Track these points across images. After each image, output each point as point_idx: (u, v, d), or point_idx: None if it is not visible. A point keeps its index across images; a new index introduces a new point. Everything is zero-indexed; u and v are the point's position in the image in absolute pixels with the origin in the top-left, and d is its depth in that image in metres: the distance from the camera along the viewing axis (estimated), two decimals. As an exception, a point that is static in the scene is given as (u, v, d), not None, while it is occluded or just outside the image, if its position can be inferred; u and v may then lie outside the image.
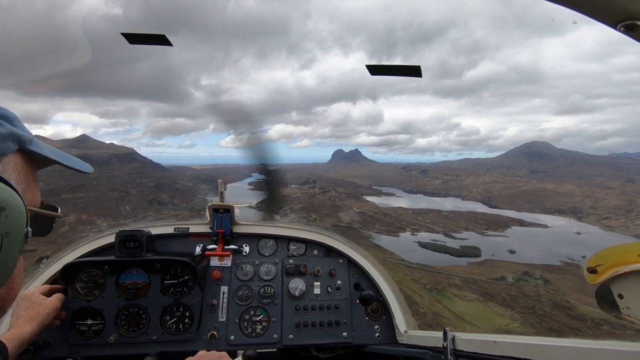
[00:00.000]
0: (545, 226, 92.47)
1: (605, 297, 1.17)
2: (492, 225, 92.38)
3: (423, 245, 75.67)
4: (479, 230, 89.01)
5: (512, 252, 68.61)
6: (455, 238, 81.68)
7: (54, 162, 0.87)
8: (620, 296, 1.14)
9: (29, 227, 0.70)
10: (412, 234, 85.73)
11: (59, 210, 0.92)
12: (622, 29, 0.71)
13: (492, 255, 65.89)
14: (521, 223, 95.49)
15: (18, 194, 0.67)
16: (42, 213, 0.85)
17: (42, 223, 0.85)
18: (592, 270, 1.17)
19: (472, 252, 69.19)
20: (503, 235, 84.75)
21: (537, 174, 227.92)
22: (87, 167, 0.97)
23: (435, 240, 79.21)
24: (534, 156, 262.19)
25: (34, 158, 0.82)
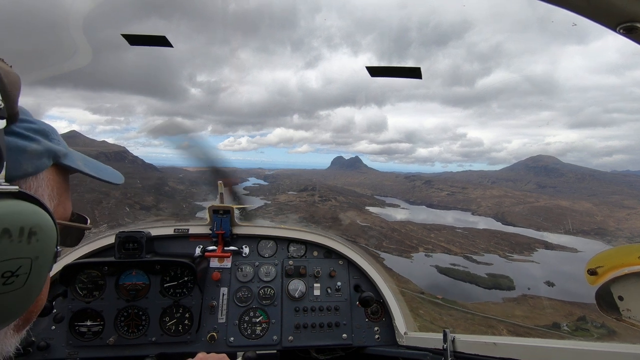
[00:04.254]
0: (575, 250, 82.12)
1: (605, 299, 1.17)
2: (516, 247, 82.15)
3: (443, 271, 65.02)
4: (502, 252, 78.77)
5: (550, 284, 58.06)
6: (477, 262, 71.23)
7: (85, 174, 0.87)
8: (621, 298, 1.14)
9: (58, 247, 0.72)
10: (426, 255, 75.43)
11: (89, 221, 0.93)
12: (621, 30, 0.71)
13: (529, 289, 55.38)
14: (547, 245, 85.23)
15: (50, 214, 0.68)
16: (73, 226, 0.87)
17: (72, 234, 0.87)
18: (593, 272, 1.17)
19: (503, 283, 58.69)
20: (532, 261, 74.41)
21: (546, 189, 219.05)
22: (118, 178, 0.97)
23: (455, 265, 68.77)
24: (541, 170, 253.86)
25: (67, 169, 0.83)
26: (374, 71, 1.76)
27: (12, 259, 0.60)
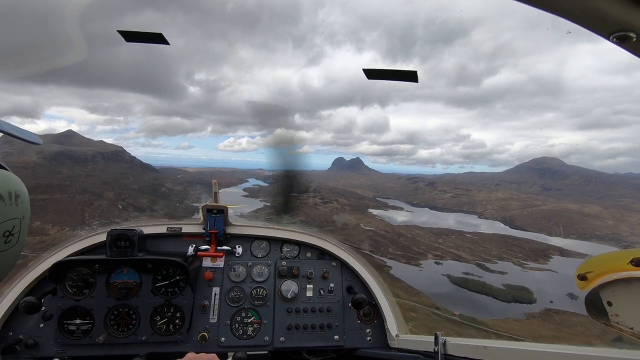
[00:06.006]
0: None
1: (594, 304, 1.19)
2: (530, 254, 77.75)
3: (456, 281, 60.36)
4: (517, 260, 74.33)
5: (573, 297, 53.14)
6: (492, 271, 66.80)
7: (7, 134, 0.89)
8: (609, 303, 1.16)
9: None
10: (436, 263, 70.98)
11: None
12: (614, 39, 0.72)
13: (551, 302, 50.87)
14: (562, 252, 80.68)
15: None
16: None
17: None
18: (582, 277, 1.20)
19: (522, 295, 54.14)
20: (549, 269, 69.71)
21: (551, 192, 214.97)
22: (36, 138, 1.00)
23: (468, 274, 64.29)
24: (546, 172, 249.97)
25: None
26: (371, 73, 1.72)
27: (9, 220, 0.68)
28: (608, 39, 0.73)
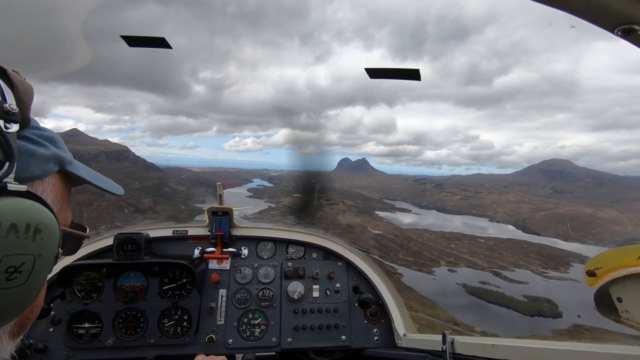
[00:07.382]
0: (616, 266, 73.03)
1: (604, 300, 1.17)
2: (549, 262, 73.68)
3: (472, 291, 56.73)
4: (535, 268, 70.34)
5: (602, 310, 49.28)
6: (510, 280, 63.04)
7: (88, 182, 0.90)
8: (619, 299, 1.14)
9: (60, 249, 0.73)
10: (449, 270, 67.39)
11: (87, 230, 0.95)
12: (619, 33, 0.72)
13: (579, 317, 46.95)
14: (582, 260, 76.35)
15: (55, 215, 0.70)
16: (73, 233, 0.88)
17: (71, 241, 0.88)
18: (591, 274, 1.17)
19: (546, 308, 50.25)
20: (571, 279, 65.53)
21: (562, 194, 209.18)
22: (118, 189, 1.00)
23: (485, 283, 60.58)
24: (556, 175, 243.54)
25: (70, 178, 0.85)
26: (373, 73, 1.71)
27: (17, 255, 0.61)
28: (612, 32, 0.72)
